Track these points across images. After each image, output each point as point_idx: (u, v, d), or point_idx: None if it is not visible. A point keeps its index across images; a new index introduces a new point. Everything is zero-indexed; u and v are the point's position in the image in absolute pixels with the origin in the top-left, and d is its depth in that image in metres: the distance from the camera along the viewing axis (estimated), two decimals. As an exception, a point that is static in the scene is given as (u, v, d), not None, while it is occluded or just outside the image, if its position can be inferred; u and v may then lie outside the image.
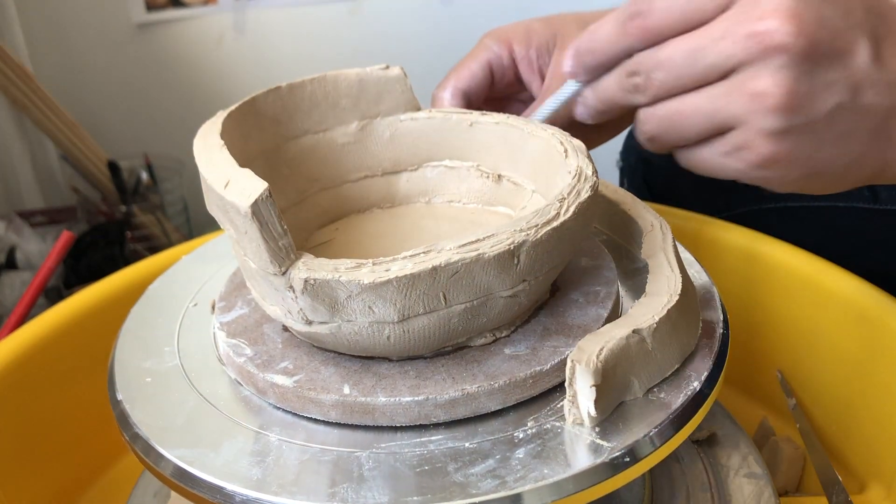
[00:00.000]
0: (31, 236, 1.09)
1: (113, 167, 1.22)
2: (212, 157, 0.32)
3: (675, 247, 0.37)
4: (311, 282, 0.29)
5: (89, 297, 0.54)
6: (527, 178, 0.41)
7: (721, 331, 0.35)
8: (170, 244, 1.22)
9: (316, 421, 0.32)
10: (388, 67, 0.43)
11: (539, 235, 0.30)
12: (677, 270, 0.35)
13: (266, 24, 1.43)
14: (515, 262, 0.30)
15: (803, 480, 0.52)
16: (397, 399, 0.31)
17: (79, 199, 1.30)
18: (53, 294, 1.04)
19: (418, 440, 0.30)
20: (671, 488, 0.44)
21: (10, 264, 1.06)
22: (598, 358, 0.29)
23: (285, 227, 0.29)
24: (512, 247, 0.29)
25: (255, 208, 0.28)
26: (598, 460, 0.29)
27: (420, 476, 0.29)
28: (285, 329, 0.35)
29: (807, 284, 0.53)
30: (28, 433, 0.50)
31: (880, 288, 0.49)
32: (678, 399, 0.31)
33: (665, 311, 0.32)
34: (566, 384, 0.30)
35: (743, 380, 0.59)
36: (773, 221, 0.65)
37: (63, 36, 1.34)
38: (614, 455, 0.29)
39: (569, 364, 0.29)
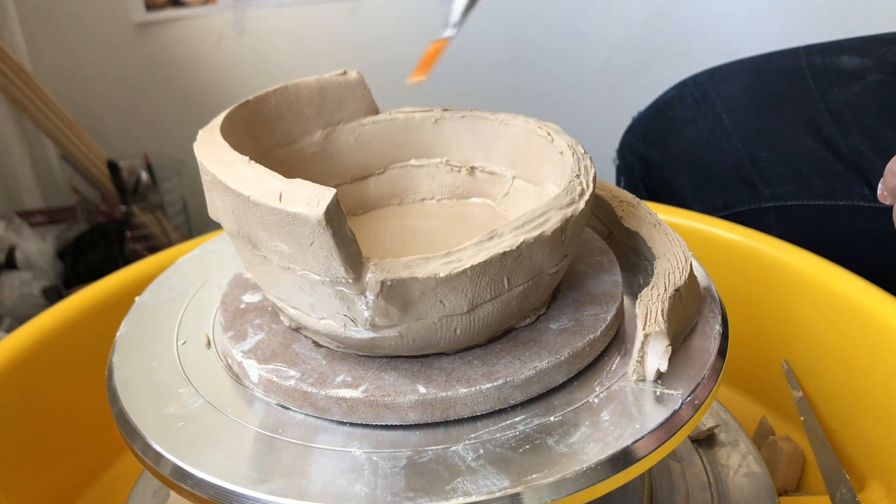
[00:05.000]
0: (30, 236, 1.09)
1: (112, 167, 1.22)
2: (243, 173, 0.30)
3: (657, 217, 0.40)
4: (389, 283, 0.28)
5: (89, 296, 0.54)
6: (504, 166, 0.42)
7: (720, 329, 0.35)
8: (169, 244, 1.22)
9: (386, 428, 0.31)
10: (345, 73, 0.43)
11: (579, 210, 0.32)
12: (671, 230, 0.38)
13: (266, 24, 1.43)
14: (563, 238, 0.31)
15: (803, 480, 0.52)
16: (477, 388, 0.31)
17: (78, 198, 1.30)
18: (53, 294, 1.04)
19: (503, 424, 0.31)
20: (671, 488, 0.44)
21: (10, 264, 1.06)
22: (666, 322, 0.31)
23: (352, 231, 0.28)
24: (562, 223, 0.31)
25: (329, 215, 0.27)
26: (676, 407, 0.31)
27: (526, 455, 0.29)
28: (317, 345, 0.34)
29: (806, 283, 0.53)
30: (28, 433, 0.50)
31: (880, 287, 0.49)
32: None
33: (690, 266, 0.35)
34: (636, 347, 0.32)
35: (742, 379, 0.59)
36: (771, 220, 0.65)
37: (63, 36, 1.34)
38: (685, 399, 0.31)
39: (641, 331, 0.31)
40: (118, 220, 1.20)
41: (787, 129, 0.64)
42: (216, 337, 0.38)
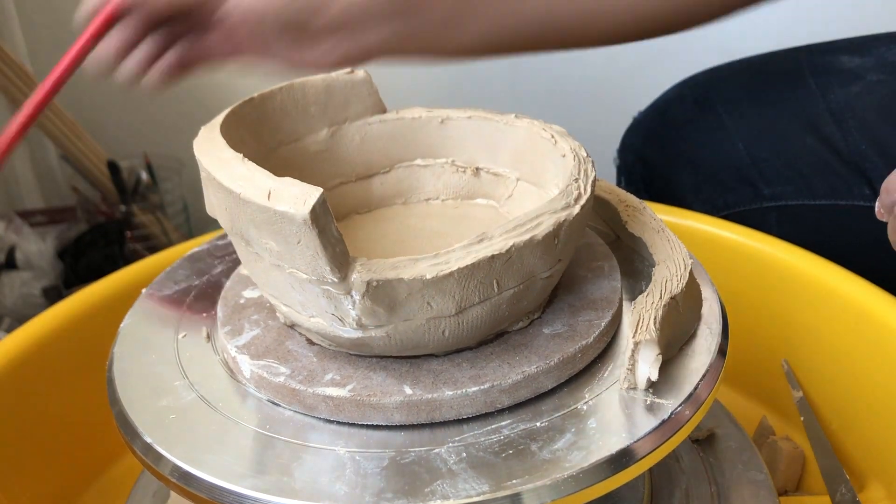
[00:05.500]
0: (30, 236, 1.09)
1: (113, 167, 1.22)
2: (236, 170, 0.31)
3: (661, 222, 0.40)
4: (374, 283, 0.28)
5: (89, 296, 0.54)
6: (508, 167, 0.42)
7: (720, 329, 0.35)
8: (170, 244, 1.22)
9: (373, 427, 0.31)
10: (353, 71, 0.43)
11: (574, 214, 0.31)
12: (674, 237, 0.37)
13: (266, 24, 1.43)
14: (556, 242, 0.31)
15: (803, 480, 0.52)
16: (463, 391, 0.31)
17: (78, 198, 1.30)
18: (53, 294, 1.04)
19: (489, 428, 0.31)
20: (671, 488, 0.44)
21: (10, 264, 1.06)
22: (658, 331, 0.31)
23: (339, 231, 0.28)
24: (555, 227, 0.31)
25: (314, 215, 0.27)
26: (665, 417, 0.30)
27: (508, 460, 0.29)
28: (311, 342, 0.34)
29: (806, 283, 0.53)
30: (28, 433, 0.50)
31: (880, 287, 0.49)
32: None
33: (689, 274, 0.34)
34: (627, 355, 0.31)
35: (742, 379, 0.59)
36: (772, 220, 0.65)
37: (63, 36, 1.34)
38: (676, 409, 0.30)
39: (632, 339, 0.31)
40: (118, 220, 1.20)
41: (788, 129, 0.64)
42: (215, 331, 0.38)
